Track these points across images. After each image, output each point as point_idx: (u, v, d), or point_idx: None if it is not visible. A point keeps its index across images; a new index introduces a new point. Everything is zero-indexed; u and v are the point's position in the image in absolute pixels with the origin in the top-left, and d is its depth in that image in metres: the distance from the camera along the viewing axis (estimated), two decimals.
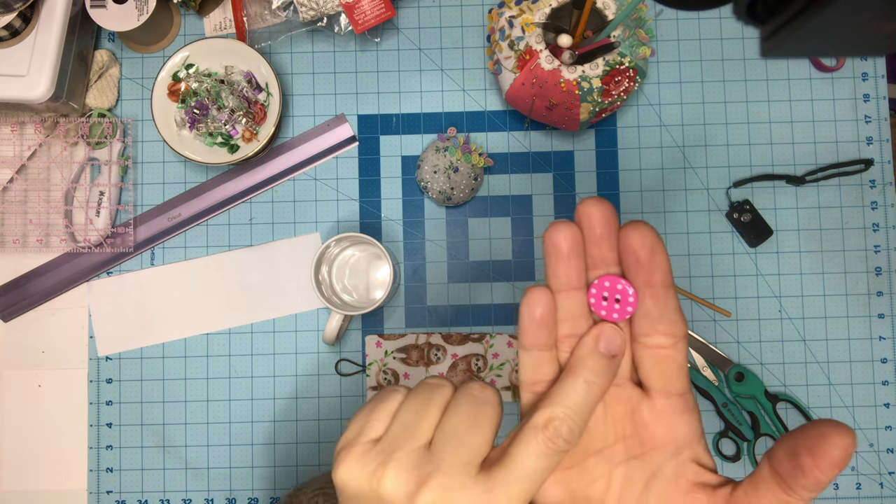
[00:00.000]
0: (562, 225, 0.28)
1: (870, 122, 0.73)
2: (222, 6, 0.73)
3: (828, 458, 0.25)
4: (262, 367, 0.72)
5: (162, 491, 0.71)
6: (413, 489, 0.27)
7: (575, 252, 0.28)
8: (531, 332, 0.29)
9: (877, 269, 0.72)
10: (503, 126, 0.73)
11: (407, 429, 0.28)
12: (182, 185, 0.73)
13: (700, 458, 0.29)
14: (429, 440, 0.28)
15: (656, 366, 0.29)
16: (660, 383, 0.29)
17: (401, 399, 0.30)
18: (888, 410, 0.71)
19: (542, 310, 0.29)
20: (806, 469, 0.25)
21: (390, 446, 0.28)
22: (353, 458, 0.28)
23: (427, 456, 0.27)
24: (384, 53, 0.74)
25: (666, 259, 0.27)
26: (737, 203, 0.72)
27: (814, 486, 0.26)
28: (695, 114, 0.73)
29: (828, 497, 0.70)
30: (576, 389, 0.27)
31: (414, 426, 0.28)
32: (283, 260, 0.72)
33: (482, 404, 0.29)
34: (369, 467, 0.28)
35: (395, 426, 0.29)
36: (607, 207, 0.28)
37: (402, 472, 0.27)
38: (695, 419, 0.29)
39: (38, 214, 0.72)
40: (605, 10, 0.62)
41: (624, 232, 0.28)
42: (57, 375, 0.72)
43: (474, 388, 0.29)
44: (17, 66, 0.64)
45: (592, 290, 0.29)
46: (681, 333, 0.28)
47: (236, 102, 0.68)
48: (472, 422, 0.28)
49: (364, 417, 0.30)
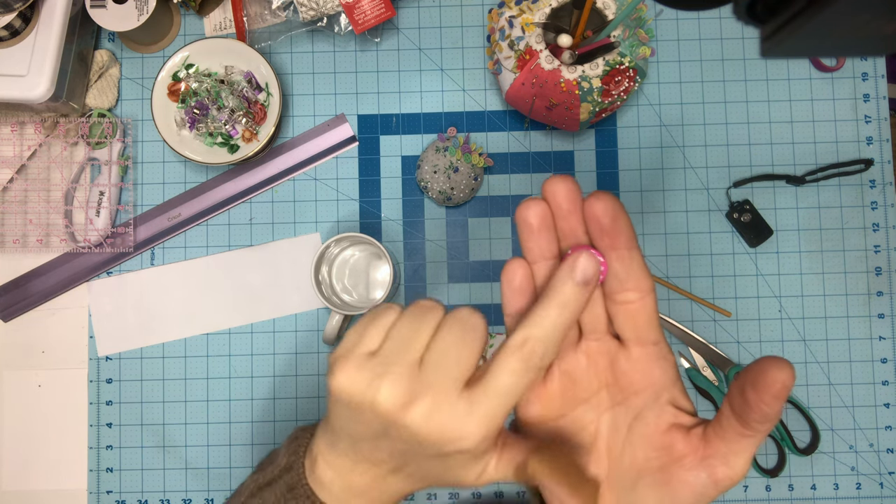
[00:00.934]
0: (531, 202, 0.31)
1: (870, 122, 0.73)
2: (222, 6, 0.73)
3: (769, 391, 0.27)
4: (262, 367, 0.72)
5: (162, 491, 0.71)
6: (406, 401, 0.29)
7: (545, 226, 0.31)
8: (511, 300, 0.32)
9: (877, 269, 0.72)
10: (503, 126, 0.73)
11: (402, 345, 0.31)
12: (182, 185, 0.73)
13: (678, 401, 0.32)
14: (420, 357, 0.30)
15: (628, 319, 0.31)
16: (633, 334, 0.31)
17: (395, 317, 0.32)
18: (888, 410, 0.71)
19: (519, 279, 0.31)
20: (752, 403, 0.28)
21: (386, 360, 0.30)
22: (352, 367, 0.30)
23: (419, 372, 0.30)
24: (384, 53, 0.74)
25: (628, 223, 0.29)
26: (737, 203, 0.72)
27: (762, 418, 0.28)
28: (695, 114, 0.73)
29: (828, 497, 0.70)
30: (549, 314, 0.29)
31: (408, 343, 0.31)
32: (283, 260, 0.72)
33: (470, 329, 0.31)
34: (366, 377, 0.30)
35: (391, 342, 0.31)
36: (570, 183, 0.30)
37: (398, 385, 0.29)
38: (669, 365, 0.32)
39: (38, 214, 0.72)
40: (605, 10, 0.62)
41: (587, 203, 0.30)
42: (57, 375, 0.72)
43: (463, 312, 0.31)
44: (17, 66, 0.64)
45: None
46: (647, 287, 0.30)
47: (236, 102, 0.68)
48: (461, 343, 0.30)
49: (360, 331, 0.32)
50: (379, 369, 0.30)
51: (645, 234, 0.72)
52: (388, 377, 0.29)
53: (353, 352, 0.31)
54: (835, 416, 0.71)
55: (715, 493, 0.31)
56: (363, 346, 0.31)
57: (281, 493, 0.37)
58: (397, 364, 0.30)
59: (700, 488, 0.31)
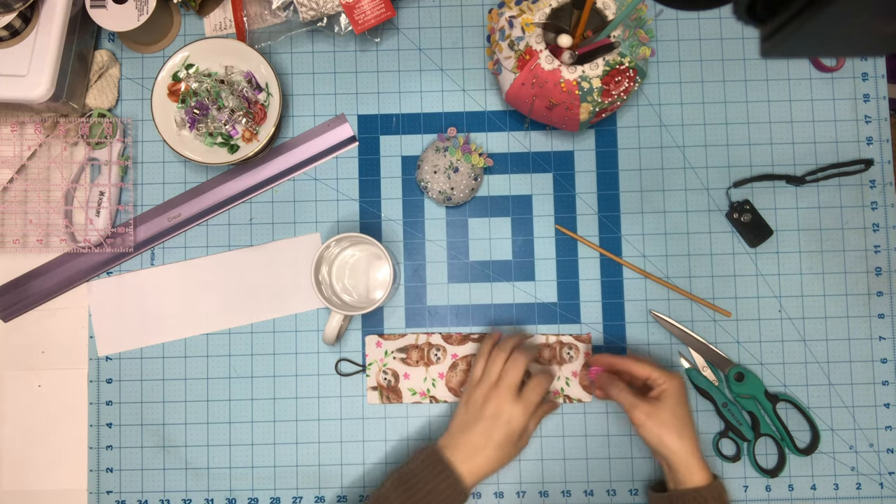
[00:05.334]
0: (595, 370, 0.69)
1: (870, 122, 0.73)
2: (222, 6, 0.73)
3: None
4: (262, 367, 0.72)
5: (162, 491, 0.71)
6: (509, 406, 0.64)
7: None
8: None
9: (877, 269, 0.72)
10: (503, 126, 0.73)
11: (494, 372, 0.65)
12: (182, 185, 0.73)
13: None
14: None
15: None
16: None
17: (486, 355, 0.67)
18: (888, 410, 0.71)
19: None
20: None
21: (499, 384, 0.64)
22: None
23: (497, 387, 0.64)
24: (384, 53, 0.74)
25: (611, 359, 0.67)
26: (737, 203, 0.72)
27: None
28: (695, 114, 0.73)
29: (828, 497, 0.70)
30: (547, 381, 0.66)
31: (497, 371, 0.64)
32: (283, 260, 0.72)
33: (516, 360, 0.64)
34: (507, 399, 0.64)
35: (492, 372, 0.65)
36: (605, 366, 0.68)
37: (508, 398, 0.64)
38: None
39: (38, 214, 0.72)
40: (605, 10, 0.62)
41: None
42: (57, 375, 0.72)
43: (515, 350, 0.66)
44: (17, 66, 0.64)
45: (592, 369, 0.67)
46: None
47: (236, 102, 0.68)
48: (519, 370, 0.64)
49: (480, 365, 0.66)
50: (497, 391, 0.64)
51: (645, 234, 0.72)
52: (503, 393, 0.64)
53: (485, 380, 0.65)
54: (835, 416, 0.71)
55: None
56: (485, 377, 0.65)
57: (421, 463, 0.61)
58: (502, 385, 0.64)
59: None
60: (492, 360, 0.65)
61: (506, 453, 0.62)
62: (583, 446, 0.71)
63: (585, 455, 0.71)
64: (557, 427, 0.71)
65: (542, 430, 0.71)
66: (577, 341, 0.71)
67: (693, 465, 0.60)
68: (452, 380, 0.71)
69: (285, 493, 0.71)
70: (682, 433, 0.60)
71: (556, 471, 0.71)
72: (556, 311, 0.72)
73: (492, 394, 0.62)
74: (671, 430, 0.60)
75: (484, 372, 0.65)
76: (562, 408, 0.71)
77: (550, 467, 0.71)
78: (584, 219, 0.72)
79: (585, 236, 0.72)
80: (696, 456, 0.60)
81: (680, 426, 0.61)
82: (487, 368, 0.64)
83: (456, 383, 0.71)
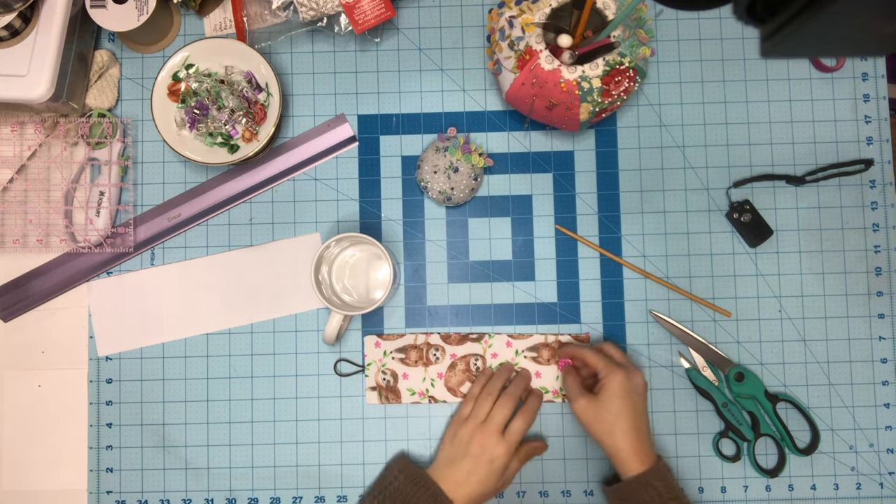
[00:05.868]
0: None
1: (870, 122, 0.73)
2: (222, 6, 0.73)
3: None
4: (262, 367, 0.72)
5: (162, 491, 0.71)
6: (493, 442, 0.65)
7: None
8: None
9: (877, 269, 0.72)
10: (503, 126, 0.73)
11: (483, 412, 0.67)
12: (182, 185, 0.73)
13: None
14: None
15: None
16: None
17: (476, 395, 0.69)
18: (888, 410, 0.71)
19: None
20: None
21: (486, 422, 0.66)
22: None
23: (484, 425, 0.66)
24: (384, 53, 0.74)
25: (580, 351, 0.68)
26: (737, 203, 0.72)
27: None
28: (695, 114, 0.73)
29: (828, 497, 0.70)
30: (533, 405, 0.68)
31: (485, 411, 0.67)
32: (283, 260, 0.72)
33: (504, 402, 0.67)
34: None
35: (480, 410, 0.67)
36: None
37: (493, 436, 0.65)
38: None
39: (38, 214, 0.72)
40: (605, 10, 0.62)
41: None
42: (57, 375, 0.72)
43: (504, 392, 0.69)
44: (17, 66, 0.64)
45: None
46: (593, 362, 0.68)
47: (236, 102, 0.68)
48: (504, 408, 0.67)
49: (469, 404, 0.69)
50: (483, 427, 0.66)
51: (645, 234, 0.72)
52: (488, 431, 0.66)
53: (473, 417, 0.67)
54: (835, 416, 0.71)
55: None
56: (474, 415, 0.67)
57: (406, 483, 0.64)
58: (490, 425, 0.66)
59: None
60: (481, 399, 0.67)
61: (490, 486, 0.64)
62: (583, 446, 0.71)
63: (585, 455, 0.71)
64: (557, 427, 0.71)
65: (543, 430, 0.71)
66: (577, 341, 0.71)
67: (626, 457, 0.62)
68: (451, 380, 0.71)
69: (285, 494, 0.71)
70: (614, 428, 0.62)
71: (556, 471, 0.71)
72: (556, 311, 0.72)
73: (477, 432, 0.65)
74: (603, 424, 0.62)
75: (472, 411, 0.67)
76: (562, 408, 0.71)
77: (550, 467, 0.71)
78: (584, 219, 0.72)
79: (585, 236, 0.72)
80: (627, 450, 0.62)
81: (612, 420, 0.62)
82: (476, 408, 0.67)
83: (455, 383, 0.71)
